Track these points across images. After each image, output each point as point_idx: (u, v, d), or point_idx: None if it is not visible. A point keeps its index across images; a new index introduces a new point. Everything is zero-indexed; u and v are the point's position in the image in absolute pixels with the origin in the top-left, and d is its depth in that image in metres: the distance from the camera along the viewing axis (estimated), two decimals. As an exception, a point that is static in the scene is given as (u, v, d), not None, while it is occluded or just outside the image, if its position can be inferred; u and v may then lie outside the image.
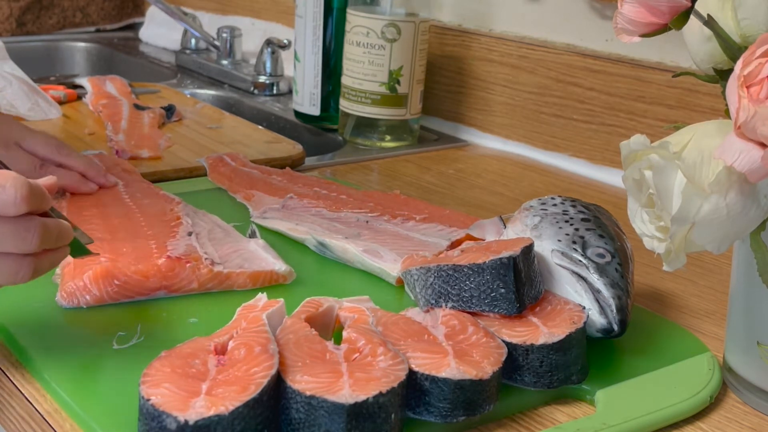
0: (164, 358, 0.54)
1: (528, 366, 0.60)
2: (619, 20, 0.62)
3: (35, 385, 0.60)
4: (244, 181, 0.97)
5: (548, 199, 0.73)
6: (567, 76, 1.17)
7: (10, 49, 1.12)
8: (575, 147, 1.17)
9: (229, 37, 1.60)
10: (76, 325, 0.66)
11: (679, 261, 0.57)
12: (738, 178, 0.53)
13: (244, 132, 1.21)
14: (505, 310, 0.62)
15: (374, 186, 1.06)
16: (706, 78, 0.60)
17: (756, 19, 0.55)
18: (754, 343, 0.62)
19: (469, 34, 1.29)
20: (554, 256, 0.67)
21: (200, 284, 0.71)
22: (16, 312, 0.66)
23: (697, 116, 1.03)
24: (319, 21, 1.25)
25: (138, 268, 0.69)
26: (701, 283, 0.83)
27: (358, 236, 0.81)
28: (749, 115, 0.50)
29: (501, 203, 1.03)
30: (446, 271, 0.64)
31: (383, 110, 1.20)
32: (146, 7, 1.97)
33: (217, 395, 0.50)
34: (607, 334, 0.64)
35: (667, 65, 1.08)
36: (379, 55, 1.17)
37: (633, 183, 0.59)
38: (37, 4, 1.87)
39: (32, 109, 1.21)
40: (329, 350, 0.56)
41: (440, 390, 0.55)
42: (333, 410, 0.50)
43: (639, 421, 0.58)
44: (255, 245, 0.77)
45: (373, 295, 0.68)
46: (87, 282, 0.68)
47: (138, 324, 0.65)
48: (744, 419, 0.62)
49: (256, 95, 1.49)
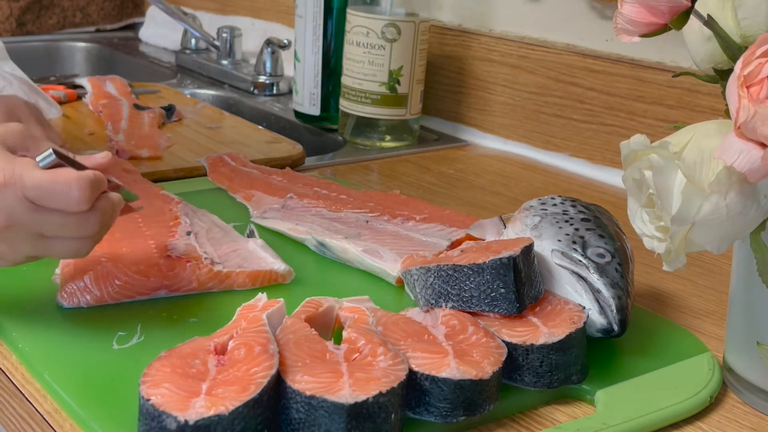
0: (164, 358, 0.54)
1: (528, 366, 0.60)
2: (619, 20, 0.62)
3: (35, 385, 0.60)
4: (244, 181, 0.97)
5: (548, 199, 0.72)
6: (567, 76, 1.17)
7: (10, 49, 1.11)
8: (575, 147, 1.17)
9: (229, 37, 1.60)
10: (76, 325, 0.66)
11: (679, 261, 0.57)
12: (738, 178, 0.53)
13: (244, 132, 1.21)
14: (505, 310, 0.62)
15: (374, 186, 1.06)
16: (706, 78, 0.60)
17: (756, 19, 0.55)
18: (754, 343, 0.62)
19: (469, 34, 1.29)
20: (554, 256, 0.67)
21: (200, 283, 0.71)
22: (16, 312, 0.66)
23: (697, 116, 1.03)
24: (319, 21, 1.25)
25: (139, 268, 0.69)
26: (701, 283, 0.83)
27: (358, 236, 0.81)
28: (749, 115, 0.50)
29: (501, 203, 1.03)
30: (446, 271, 0.64)
31: (383, 110, 1.20)
32: (146, 7, 1.97)
33: (217, 395, 0.50)
34: (607, 334, 0.64)
35: (667, 65, 1.08)
36: (379, 55, 1.17)
37: (633, 183, 0.59)
38: (37, 4, 1.87)
39: (32, 109, 1.20)
40: (329, 350, 0.56)
41: (440, 390, 0.55)
42: (333, 410, 0.50)
43: (639, 421, 0.58)
44: (254, 245, 0.77)
45: (373, 295, 0.68)
46: (88, 282, 0.68)
47: (138, 324, 0.65)
48: (744, 419, 0.62)
49: (256, 95, 1.49)
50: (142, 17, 2.00)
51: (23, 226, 0.58)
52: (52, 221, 0.58)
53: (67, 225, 0.58)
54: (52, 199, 0.57)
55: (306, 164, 1.12)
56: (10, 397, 0.60)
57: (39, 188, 0.57)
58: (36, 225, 0.58)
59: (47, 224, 0.58)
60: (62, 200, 0.57)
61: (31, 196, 0.57)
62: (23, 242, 0.59)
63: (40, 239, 0.59)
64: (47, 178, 0.57)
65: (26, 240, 0.59)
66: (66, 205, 0.57)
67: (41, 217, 0.57)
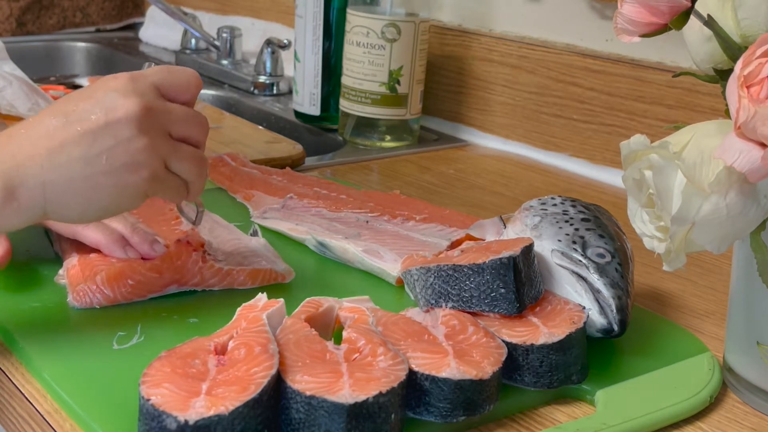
0: (164, 358, 0.54)
1: (528, 366, 0.60)
2: (619, 20, 0.62)
3: (35, 385, 0.60)
4: (244, 181, 0.97)
5: (548, 199, 0.72)
6: (567, 76, 1.17)
7: (10, 49, 1.11)
8: (575, 147, 1.17)
9: (229, 37, 1.60)
10: (76, 325, 0.66)
11: (679, 261, 0.57)
12: (738, 178, 0.53)
13: (244, 132, 1.21)
14: (505, 310, 0.62)
15: (374, 186, 1.06)
16: (706, 78, 0.60)
17: (756, 19, 0.55)
18: (754, 343, 0.62)
19: (469, 34, 1.29)
20: (554, 256, 0.67)
21: (203, 278, 0.71)
22: (16, 312, 0.66)
23: (697, 116, 1.03)
24: (319, 21, 1.25)
25: (153, 264, 0.69)
26: (701, 283, 0.83)
27: (358, 236, 0.81)
28: (749, 115, 0.50)
29: (501, 203, 1.03)
30: (446, 271, 0.64)
31: (383, 110, 1.20)
32: (146, 7, 1.97)
33: (217, 395, 0.50)
34: (607, 334, 0.64)
35: (667, 65, 1.08)
36: (379, 55, 1.17)
37: (633, 183, 0.59)
38: (37, 4, 1.87)
39: (32, 109, 1.20)
40: (329, 350, 0.56)
41: (440, 390, 0.55)
42: (333, 410, 0.50)
43: (639, 421, 0.58)
44: (256, 244, 0.78)
45: (373, 295, 0.68)
46: (99, 284, 0.68)
47: (138, 324, 0.65)
48: (744, 419, 0.62)
49: (256, 95, 1.49)
50: (142, 17, 2.00)
51: (157, 115, 0.61)
52: (177, 111, 0.63)
53: (188, 118, 0.64)
54: (173, 80, 0.64)
55: (306, 164, 1.12)
56: (10, 397, 0.60)
57: (160, 71, 0.64)
58: (166, 112, 0.62)
59: (174, 114, 0.63)
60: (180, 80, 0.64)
61: (156, 80, 0.63)
62: (161, 140, 0.62)
63: (170, 141, 0.62)
64: (165, 66, 0.65)
65: (162, 137, 0.62)
66: (185, 83, 0.64)
67: (168, 105, 0.63)
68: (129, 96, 0.60)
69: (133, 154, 0.60)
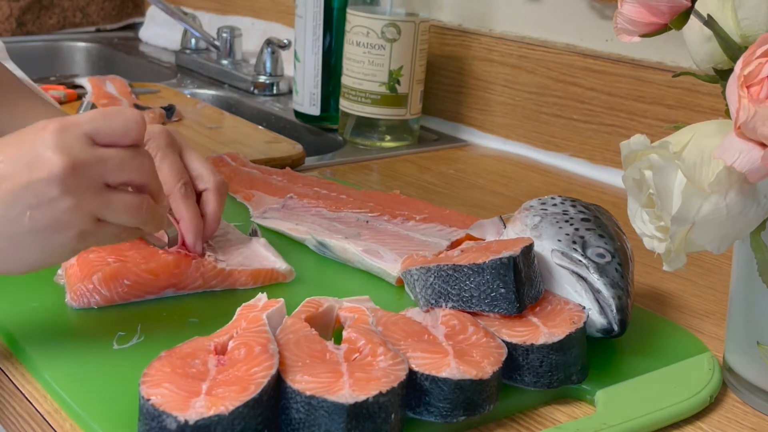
0: (164, 358, 0.54)
1: (528, 366, 0.60)
2: (619, 20, 0.62)
3: (35, 385, 0.60)
4: (244, 181, 0.97)
5: (548, 199, 0.72)
6: (567, 76, 1.17)
7: (10, 49, 1.11)
8: (575, 147, 1.17)
9: (229, 37, 1.60)
10: (76, 326, 0.66)
11: (679, 261, 0.57)
12: (738, 178, 0.53)
13: (244, 132, 1.21)
14: (505, 310, 0.62)
15: (374, 186, 1.06)
16: (706, 78, 0.60)
17: (756, 19, 0.55)
18: (754, 343, 0.62)
19: (469, 34, 1.29)
20: (554, 256, 0.67)
21: (204, 281, 0.71)
22: (16, 312, 0.66)
23: (697, 116, 1.03)
24: (319, 21, 1.25)
25: (149, 267, 0.69)
26: (701, 283, 0.83)
27: (358, 236, 0.81)
28: (749, 115, 0.50)
29: (501, 203, 1.03)
30: (446, 271, 0.64)
31: (383, 110, 1.20)
32: (146, 7, 1.97)
33: (217, 395, 0.50)
34: (607, 334, 0.64)
35: (667, 65, 1.08)
36: (379, 55, 1.17)
37: (633, 183, 0.59)
38: (37, 4, 1.87)
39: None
40: (329, 350, 0.56)
41: (440, 390, 0.55)
42: (333, 410, 0.50)
43: (639, 421, 0.58)
44: (256, 243, 0.78)
45: (373, 295, 0.68)
46: (96, 283, 0.68)
47: (138, 324, 0.65)
48: (744, 419, 0.62)
49: (256, 95, 1.49)
50: (142, 17, 2.00)
51: (86, 169, 0.56)
52: (111, 159, 0.58)
53: (125, 163, 0.58)
54: (108, 126, 0.58)
55: (306, 164, 1.12)
56: (10, 397, 0.60)
57: (95, 118, 0.58)
58: (97, 164, 0.57)
59: (108, 163, 0.58)
60: (117, 125, 0.58)
61: (89, 129, 0.57)
62: (89, 196, 0.57)
63: (104, 191, 0.58)
64: (100, 110, 0.59)
65: (91, 193, 0.57)
66: (123, 128, 0.58)
67: (101, 153, 0.57)
68: (56, 151, 0.55)
69: (56, 215, 0.56)
